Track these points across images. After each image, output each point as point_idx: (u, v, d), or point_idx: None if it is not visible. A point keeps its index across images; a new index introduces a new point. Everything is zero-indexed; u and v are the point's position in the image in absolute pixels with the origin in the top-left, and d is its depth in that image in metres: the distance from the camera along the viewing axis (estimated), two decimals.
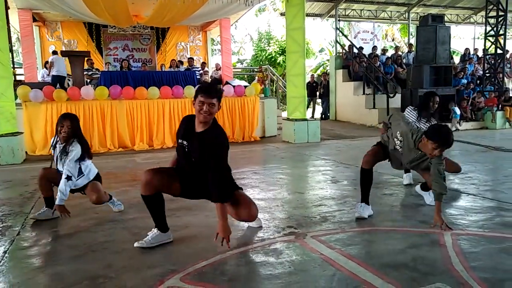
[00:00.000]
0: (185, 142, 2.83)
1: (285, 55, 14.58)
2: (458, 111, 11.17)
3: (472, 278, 2.29)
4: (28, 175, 5.81)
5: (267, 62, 22.46)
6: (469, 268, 2.42)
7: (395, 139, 3.47)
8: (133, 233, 3.22)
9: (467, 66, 13.85)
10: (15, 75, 10.28)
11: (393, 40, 26.00)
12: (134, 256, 2.75)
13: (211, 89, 2.75)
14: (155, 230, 2.92)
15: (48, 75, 11.20)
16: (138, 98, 8.85)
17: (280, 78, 16.62)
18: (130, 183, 5.16)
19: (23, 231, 3.35)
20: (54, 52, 11.39)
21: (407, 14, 16.91)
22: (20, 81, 10.57)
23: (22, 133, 7.66)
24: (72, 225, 3.42)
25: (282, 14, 15.17)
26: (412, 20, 17.11)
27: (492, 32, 12.26)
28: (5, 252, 2.89)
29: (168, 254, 2.78)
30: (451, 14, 17.75)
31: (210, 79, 12.42)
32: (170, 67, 12.70)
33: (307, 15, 14.20)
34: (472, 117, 12.06)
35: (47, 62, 11.58)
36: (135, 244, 2.87)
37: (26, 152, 7.81)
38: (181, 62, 13.54)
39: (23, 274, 2.54)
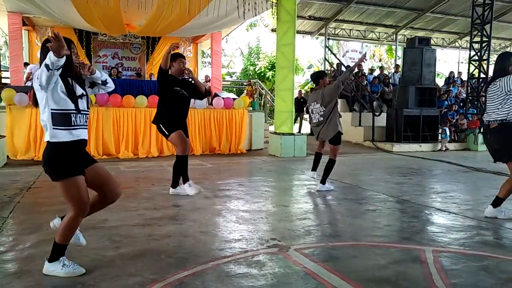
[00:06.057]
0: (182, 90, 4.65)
1: (274, 70, 14.65)
2: (448, 132, 11.42)
3: None
4: (8, 179, 5.62)
5: (256, 77, 22.61)
6: (450, 285, 2.44)
7: None
8: (114, 240, 3.17)
9: (451, 88, 14.18)
10: (0, 78, 10.12)
11: (380, 60, 26.53)
12: (114, 264, 2.70)
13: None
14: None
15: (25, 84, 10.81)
16: (125, 106, 8.79)
17: (269, 92, 16.72)
18: None
19: (0, 236, 3.27)
20: (26, 64, 11.25)
21: (394, 35, 17.33)
22: (5, 84, 10.40)
23: (4, 136, 7.51)
24: (51, 231, 3.34)
25: (273, 30, 15.35)
26: (399, 42, 17.53)
27: (476, 57, 12.59)
28: None
29: (149, 262, 2.74)
30: (437, 38, 18.24)
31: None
32: None
33: (298, 32, 14.39)
34: (455, 139, 12.32)
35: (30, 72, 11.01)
36: None
37: (7, 156, 7.65)
38: None
39: None
